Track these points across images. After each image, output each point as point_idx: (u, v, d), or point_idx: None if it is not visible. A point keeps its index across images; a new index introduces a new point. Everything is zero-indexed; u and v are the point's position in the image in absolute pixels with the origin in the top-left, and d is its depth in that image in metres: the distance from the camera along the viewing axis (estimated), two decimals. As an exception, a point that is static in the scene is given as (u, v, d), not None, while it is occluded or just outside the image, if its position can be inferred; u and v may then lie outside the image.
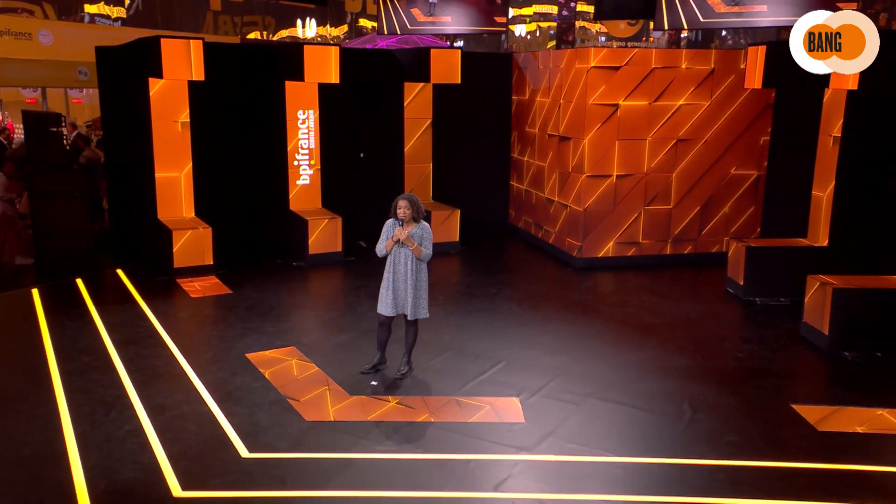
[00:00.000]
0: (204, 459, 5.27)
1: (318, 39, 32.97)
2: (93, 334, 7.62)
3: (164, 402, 6.12)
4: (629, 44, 36.03)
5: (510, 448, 5.43)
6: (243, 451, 5.37)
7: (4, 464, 5.17)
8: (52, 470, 5.10)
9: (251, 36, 29.45)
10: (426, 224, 6.42)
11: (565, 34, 35.62)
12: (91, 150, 13.26)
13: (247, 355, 7.13)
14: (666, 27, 9.47)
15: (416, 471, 5.15)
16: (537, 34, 39.14)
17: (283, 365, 6.91)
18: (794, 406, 6.19)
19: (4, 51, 15.49)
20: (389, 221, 6.41)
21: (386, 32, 11.67)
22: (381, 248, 6.45)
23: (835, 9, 9.42)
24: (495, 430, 5.70)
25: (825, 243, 8.75)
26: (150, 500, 4.79)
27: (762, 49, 8.62)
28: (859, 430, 5.85)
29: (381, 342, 6.78)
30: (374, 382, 6.54)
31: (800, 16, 10.06)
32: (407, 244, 6.32)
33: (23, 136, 14.29)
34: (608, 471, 5.18)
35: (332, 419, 5.88)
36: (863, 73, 7.17)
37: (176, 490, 4.89)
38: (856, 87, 7.22)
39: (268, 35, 30.60)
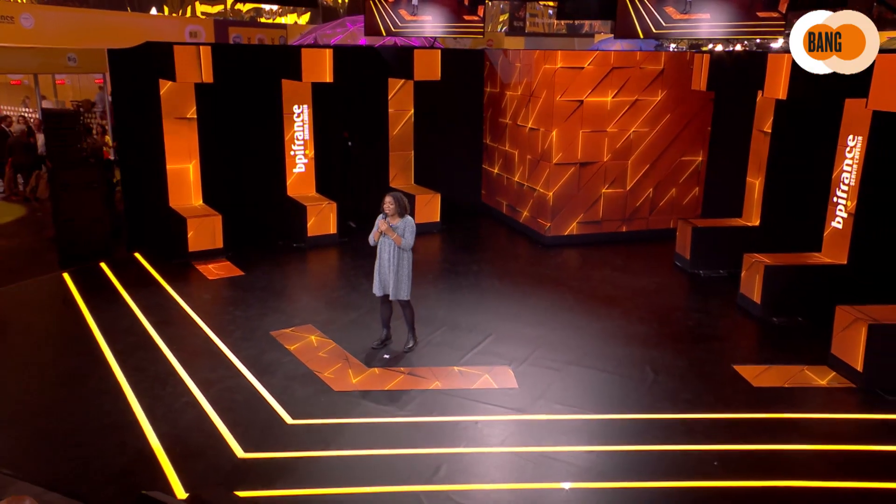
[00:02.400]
0: (256, 426, 5.96)
1: (280, 10, 32.62)
2: (130, 316, 8.17)
3: (210, 377, 6.77)
4: (576, 21, 36.58)
5: (509, 410, 6.26)
6: (287, 419, 6.08)
7: (92, 432, 5.81)
8: (131, 437, 5.76)
9: (217, 9, 29.17)
10: (410, 218, 7.01)
11: (517, 10, 35.98)
12: (92, 138, 13.51)
13: (271, 333, 7.78)
14: (641, 35, 10.04)
15: (435, 431, 5.94)
16: (489, 5, 39.25)
17: (304, 341, 7.60)
18: (734, 366, 7.15)
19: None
20: (380, 216, 7.01)
21: (384, 34, 12.10)
22: (371, 239, 7.05)
23: (754, 17, 10.13)
24: (494, 394, 6.51)
25: (757, 223, 9.73)
26: (220, 460, 5.49)
27: (706, 57, 9.44)
28: (786, 384, 6.83)
29: (384, 319, 7.49)
30: (385, 356, 7.28)
31: (731, 22, 10.89)
32: (388, 234, 6.96)
33: (23, 125, 14.43)
34: (589, 426, 6.05)
35: (357, 389, 6.62)
36: (791, 84, 8.02)
37: (239, 452, 5.60)
38: (785, 97, 8.05)
39: (232, 5, 30.23)
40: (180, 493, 5.07)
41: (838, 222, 8.29)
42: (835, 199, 8.29)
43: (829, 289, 8.04)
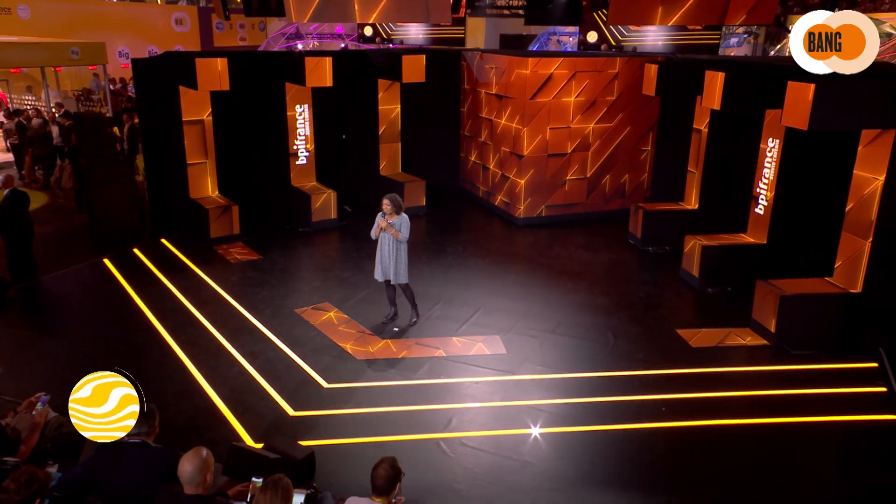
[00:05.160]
0: (299, 390, 6.94)
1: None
2: (172, 298, 9.02)
3: (253, 350, 7.72)
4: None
5: (500, 371, 7.35)
6: (324, 384, 7.09)
7: (168, 397, 6.70)
8: (200, 400, 6.72)
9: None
10: (405, 215, 7.92)
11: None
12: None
13: (295, 310, 8.72)
14: (613, 43, 11.00)
15: (443, 390, 7.02)
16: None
17: (325, 317, 8.57)
18: (677, 330, 8.32)
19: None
20: (379, 214, 7.90)
21: (384, 35, 12.87)
22: (372, 234, 7.96)
23: (685, 28, 11.23)
24: (488, 359, 7.60)
25: (696, 207, 10.95)
26: (276, 417, 6.49)
27: (654, 66, 10.48)
28: (717, 345, 8.02)
29: (389, 298, 8.49)
30: (395, 329, 8.31)
31: (671, 31, 11.98)
32: (388, 230, 7.89)
33: (40, 118, 14.85)
34: (565, 383, 7.18)
35: (375, 358, 7.65)
36: (724, 97, 9.09)
37: (290, 411, 6.60)
38: (719, 108, 9.14)
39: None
40: (252, 444, 6.08)
41: (760, 209, 9.51)
42: (757, 189, 9.49)
43: (753, 264, 9.30)
